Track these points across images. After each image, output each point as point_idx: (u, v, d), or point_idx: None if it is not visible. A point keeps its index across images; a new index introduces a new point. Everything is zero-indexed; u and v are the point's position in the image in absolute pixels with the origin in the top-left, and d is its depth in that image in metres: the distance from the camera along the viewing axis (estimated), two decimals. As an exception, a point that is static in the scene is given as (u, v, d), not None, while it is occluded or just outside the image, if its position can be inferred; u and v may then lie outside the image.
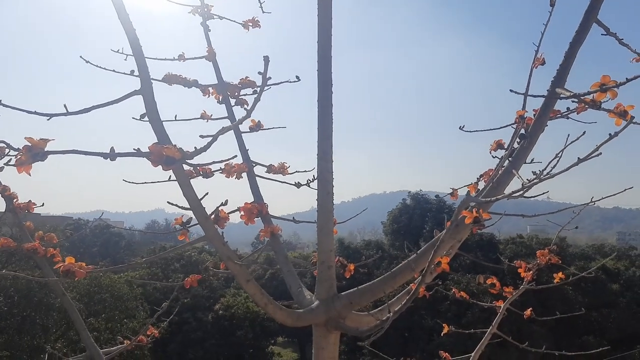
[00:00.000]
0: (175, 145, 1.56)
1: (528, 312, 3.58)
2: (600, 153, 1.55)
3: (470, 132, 2.80)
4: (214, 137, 1.58)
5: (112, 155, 1.65)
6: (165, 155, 1.53)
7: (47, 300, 18.28)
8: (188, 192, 1.95)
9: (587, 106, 1.89)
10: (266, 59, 2.64)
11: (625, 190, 1.96)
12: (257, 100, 2.50)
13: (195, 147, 1.61)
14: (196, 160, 1.75)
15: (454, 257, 2.55)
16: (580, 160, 1.59)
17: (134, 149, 1.58)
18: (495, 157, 2.67)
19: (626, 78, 1.52)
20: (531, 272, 3.36)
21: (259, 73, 2.64)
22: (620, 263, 39.10)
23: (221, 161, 2.14)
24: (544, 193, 2.11)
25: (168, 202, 2.10)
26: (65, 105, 1.64)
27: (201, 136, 1.63)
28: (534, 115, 2.24)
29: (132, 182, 2.68)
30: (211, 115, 3.04)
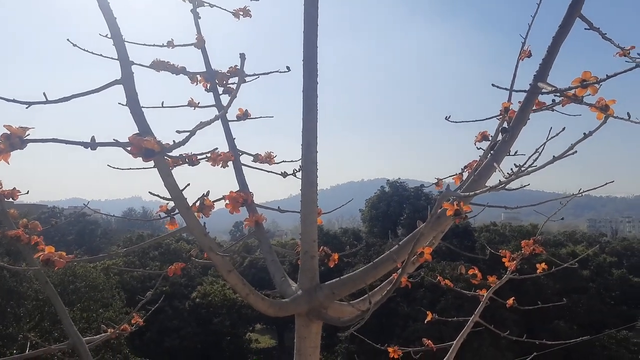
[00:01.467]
0: (154, 138, 1.56)
1: (510, 301, 3.65)
2: (576, 151, 1.60)
3: (456, 122, 2.82)
4: (192, 132, 1.58)
5: (92, 144, 1.63)
6: (144, 147, 1.53)
7: (18, 289, 17.94)
8: (169, 182, 1.94)
9: (569, 100, 1.93)
10: (242, 56, 2.63)
11: (606, 184, 2.02)
12: (233, 97, 2.51)
13: (173, 142, 1.60)
14: (182, 148, 1.75)
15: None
16: (555, 159, 1.64)
17: (113, 139, 1.57)
18: (480, 148, 2.71)
19: (606, 75, 1.56)
20: (515, 262, 3.42)
21: (235, 67, 2.62)
22: (591, 249, 40.16)
23: (204, 153, 2.13)
24: (524, 186, 2.16)
25: (149, 192, 2.10)
26: (44, 94, 1.62)
27: (177, 131, 1.63)
28: (520, 105, 2.27)
29: (116, 168, 2.65)
30: (198, 103, 3.02)
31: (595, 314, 33.43)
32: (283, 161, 3.09)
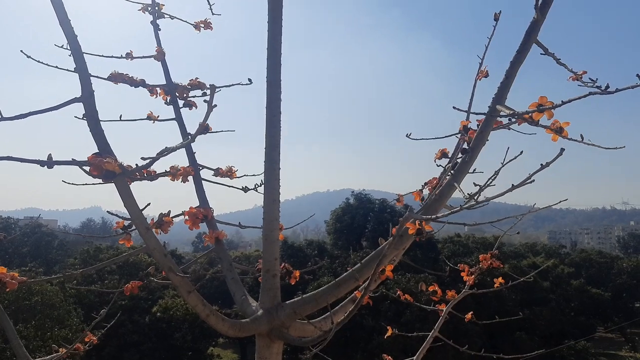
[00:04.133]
0: (115, 159, 1.51)
1: (469, 315, 3.69)
2: (533, 180, 1.63)
3: (416, 139, 2.85)
4: (156, 158, 1.55)
5: (49, 163, 1.59)
6: (105, 168, 1.48)
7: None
8: (129, 203, 1.88)
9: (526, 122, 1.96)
10: (212, 87, 2.60)
11: (560, 202, 2.07)
12: (201, 126, 2.48)
13: (137, 163, 1.56)
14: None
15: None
16: (514, 187, 1.67)
17: (72, 159, 1.52)
18: (440, 165, 2.74)
19: (561, 100, 1.60)
20: (473, 276, 3.46)
21: (205, 101, 2.59)
22: (550, 261, 41.17)
23: (164, 173, 2.08)
24: (484, 205, 2.19)
25: (108, 211, 2.04)
26: (-1, 111, 1.55)
27: (143, 158, 1.59)
28: (478, 125, 2.31)
29: (72, 184, 2.56)
30: (158, 116, 2.96)
31: (556, 325, 34.18)
32: (245, 175, 3.06)
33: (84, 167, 1.59)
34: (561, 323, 34.70)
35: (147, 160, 1.53)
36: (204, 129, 2.69)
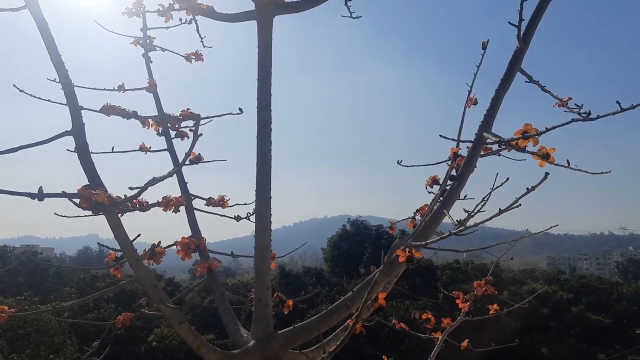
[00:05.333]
0: (105, 190, 1.52)
1: (465, 343, 3.66)
2: (520, 204, 1.64)
3: (408, 166, 2.88)
4: (144, 187, 1.56)
5: (40, 195, 1.60)
6: (94, 200, 1.49)
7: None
8: (119, 234, 1.88)
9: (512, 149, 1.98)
10: (197, 117, 2.63)
11: (551, 227, 2.08)
12: (187, 155, 2.50)
13: (124, 196, 1.57)
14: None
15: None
16: (501, 211, 1.68)
17: (62, 191, 1.53)
18: (431, 192, 2.75)
19: (545, 127, 1.62)
20: (468, 303, 3.44)
21: (190, 130, 2.62)
22: (550, 287, 40.89)
23: (156, 203, 2.09)
24: (474, 231, 2.20)
25: (98, 243, 2.04)
26: (-10, 144, 1.57)
27: (130, 188, 1.60)
28: (468, 151, 2.33)
29: (63, 216, 2.57)
30: (150, 147, 2.98)
31: (556, 352, 33.76)
32: (236, 204, 3.06)
33: (74, 200, 1.60)
34: (562, 350, 34.29)
35: (136, 191, 1.54)
36: (195, 158, 2.72)
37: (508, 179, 1.87)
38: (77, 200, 1.62)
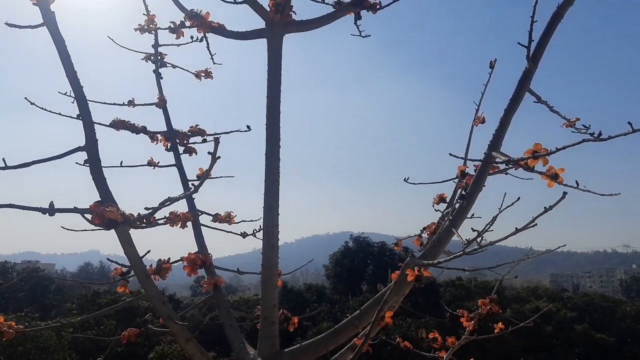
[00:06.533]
0: (117, 207, 1.53)
1: (470, 363, 3.63)
2: (536, 224, 1.64)
3: (414, 184, 2.89)
4: (158, 207, 1.57)
5: (51, 210, 1.60)
6: (107, 217, 1.49)
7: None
8: (130, 251, 1.88)
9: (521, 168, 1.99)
10: (216, 140, 2.65)
11: (558, 248, 2.08)
12: (204, 177, 2.51)
13: (138, 214, 1.57)
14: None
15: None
16: (517, 230, 1.67)
17: (74, 207, 1.53)
18: (438, 210, 2.75)
19: (555, 147, 1.63)
20: (473, 322, 3.41)
21: (209, 153, 2.63)
22: (553, 305, 40.52)
23: (163, 219, 2.09)
24: (483, 249, 2.19)
25: (108, 259, 2.04)
26: (4, 159, 1.58)
27: (146, 208, 1.60)
28: (475, 170, 2.34)
29: (71, 230, 2.57)
30: (158, 162, 3.00)
31: (560, 371, 33.37)
32: (243, 221, 3.05)
33: (85, 215, 1.60)
34: (566, 369, 33.89)
35: (150, 210, 1.54)
36: (205, 177, 2.73)
37: (519, 198, 1.87)
38: (88, 216, 1.62)
